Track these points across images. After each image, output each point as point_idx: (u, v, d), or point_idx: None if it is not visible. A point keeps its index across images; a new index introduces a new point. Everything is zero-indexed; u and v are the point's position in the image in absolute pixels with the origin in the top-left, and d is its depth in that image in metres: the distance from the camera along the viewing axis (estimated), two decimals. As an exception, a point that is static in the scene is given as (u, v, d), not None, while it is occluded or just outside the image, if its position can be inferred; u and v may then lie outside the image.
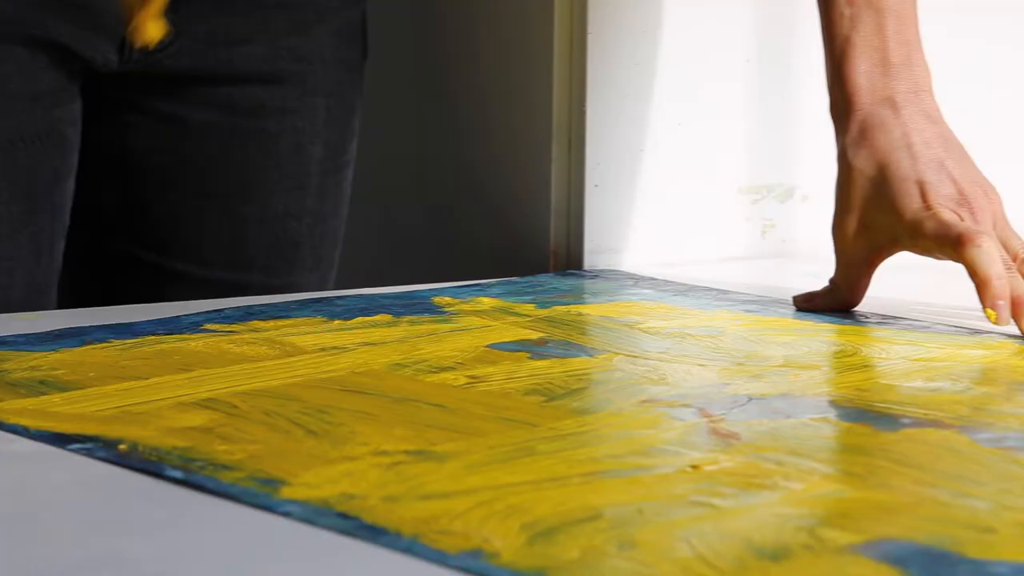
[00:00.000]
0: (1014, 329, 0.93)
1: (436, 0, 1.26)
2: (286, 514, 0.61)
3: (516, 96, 1.18)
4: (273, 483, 0.64)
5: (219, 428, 0.72)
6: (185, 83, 1.07)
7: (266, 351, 0.87)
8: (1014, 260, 0.95)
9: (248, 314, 0.96)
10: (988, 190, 0.97)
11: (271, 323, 0.94)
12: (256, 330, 0.92)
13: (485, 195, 1.21)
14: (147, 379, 0.80)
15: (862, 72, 0.99)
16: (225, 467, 0.66)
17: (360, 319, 0.95)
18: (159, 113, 1.08)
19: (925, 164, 0.97)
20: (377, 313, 0.97)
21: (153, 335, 0.89)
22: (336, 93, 1.12)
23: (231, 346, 0.87)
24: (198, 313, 0.95)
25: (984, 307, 0.92)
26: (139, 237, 1.10)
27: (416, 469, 0.66)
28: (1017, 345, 0.91)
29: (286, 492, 0.63)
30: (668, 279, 1.10)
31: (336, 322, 0.94)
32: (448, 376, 0.82)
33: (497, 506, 0.62)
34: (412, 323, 0.94)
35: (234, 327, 0.92)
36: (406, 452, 0.68)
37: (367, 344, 0.89)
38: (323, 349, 0.87)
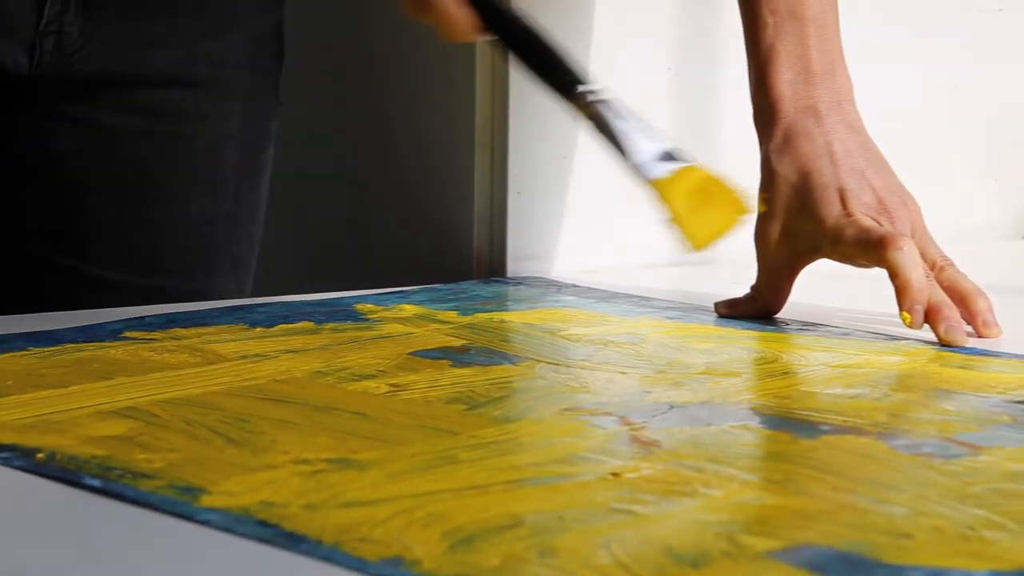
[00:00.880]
0: (931, 335, 0.93)
1: (359, 6, 1.25)
2: (205, 522, 0.61)
3: (439, 104, 1.18)
4: (193, 491, 0.64)
5: (139, 437, 0.71)
6: (99, 87, 1.07)
7: (187, 359, 0.86)
8: (932, 269, 0.96)
9: (169, 321, 0.95)
10: (907, 200, 0.98)
11: (192, 330, 0.93)
12: (177, 338, 0.91)
13: (408, 202, 1.21)
14: (66, 387, 0.79)
15: (786, 81, 1.00)
16: (144, 475, 0.66)
17: (282, 326, 0.95)
18: (74, 117, 1.07)
19: (846, 172, 0.98)
20: (299, 320, 0.96)
21: (73, 343, 0.89)
22: (252, 98, 1.11)
23: (152, 354, 0.87)
24: (119, 320, 0.95)
25: (901, 310, 0.93)
26: (56, 242, 1.09)
27: (337, 477, 0.66)
28: (934, 351, 0.91)
29: (206, 500, 0.63)
30: (591, 286, 1.10)
31: (258, 329, 0.94)
32: (370, 384, 0.82)
33: (418, 514, 0.62)
34: (334, 330, 0.94)
35: (155, 335, 0.92)
36: (327, 460, 0.68)
37: (289, 352, 0.88)
38: (244, 357, 0.87)
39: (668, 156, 0.85)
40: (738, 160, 1.14)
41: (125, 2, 1.05)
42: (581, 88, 0.87)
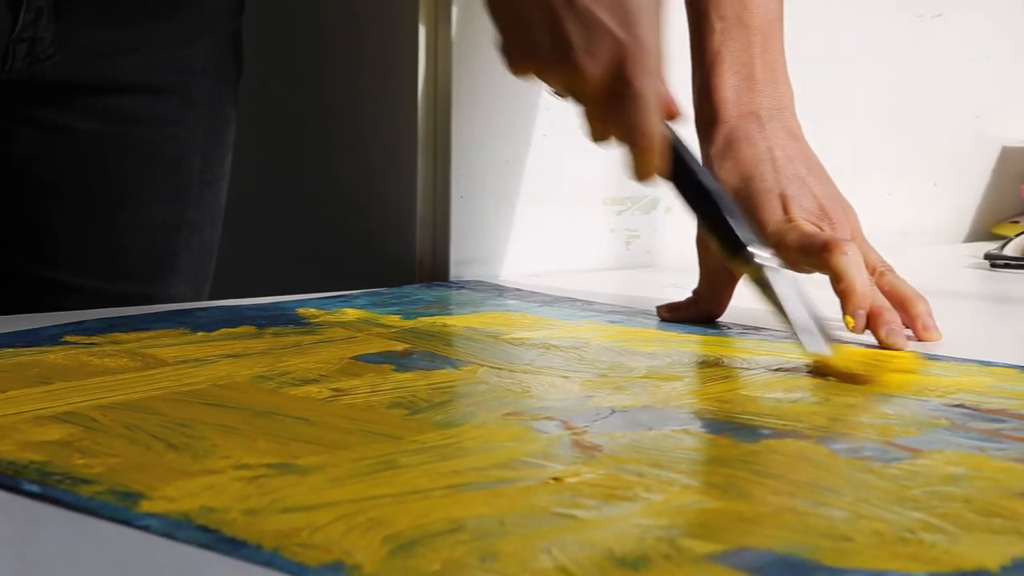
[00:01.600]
0: (871, 339, 0.94)
1: (301, 12, 1.25)
2: (145, 528, 0.61)
3: (382, 108, 1.18)
4: (132, 497, 0.64)
5: (78, 442, 0.71)
6: (68, 92, 1.06)
7: (127, 363, 0.86)
8: (872, 273, 0.97)
9: (109, 326, 0.95)
10: (846, 206, 0.99)
11: (133, 335, 0.93)
12: (117, 342, 0.91)
13: (351, 206, 1.21)
14: (4, 392, 0.79)
15: (729, 86, 1.00)
16: (84, 481, 0.65)
17: (223, 331, 0.94)
18: (41, 121, 1.07)
19: (788, 178, 0.98)
20: (241, 325, 0.96)
21: (11, 347, 0.88)
22: (215, 105, 1.11)
23: (91, 358, 0.86)
24: (58, 325, 0.94)
25: (845, 315, 0.94)
26: (20, 246, 1.09)
27: (278, 482, 0.66)
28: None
29: (145, 506, 0.63)
30: (534, 290, 1.10)
31: (199, 334, 0.93)
32: (312, 389, 0.81)
33: (359, 519, 0.62)
34: (276, 335, 0.94)
35: (95, 339, 0.91)
36: (268, 465, 0.68)
37: (230, 356, 0.88)
38: (185, 361, 0.86)
39: (824, 330, 0.88)
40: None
41: (97, 9, 1.05)
42: (751, 250, 0.89)
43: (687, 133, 1.00)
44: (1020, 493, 0.67)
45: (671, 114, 0.89)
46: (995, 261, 1.21)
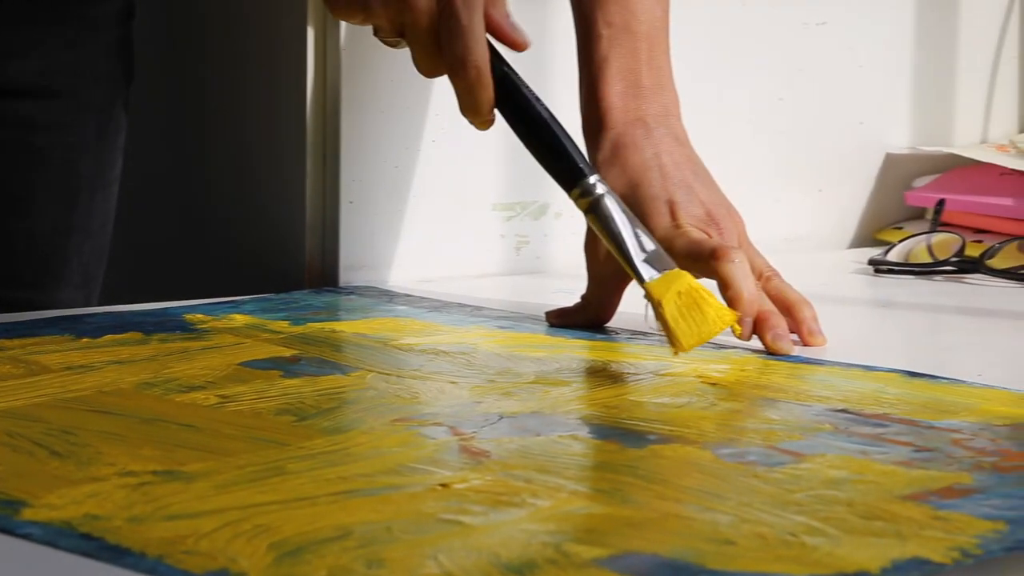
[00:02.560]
0: (758, 344, 0.95)
1: (191, 17, 1.24)
2: (26, 536, 0.60)
3: (271, 113, 1.17)
4: (14, 504, 0.63)
5: (-41, 450, 0.70)
6: None
7: (10, 370, 0.85)
8: (759, 279, 0.98)
9: (-7, 332, 0.94)
10: (732, 212, 1.00)
11: (16, 341, 0.92)
12: (1, 349, 0.90)
13: (240, 211, 1.21)
14: None
15: (616, 92, 1.01)
16: (-36, 490, 0.65)
17: (109, 337, 0.94)
18: None
19: (675, 184, 0.99)
20: (127, 331, 0.95)
21: None
22: (106, 109, 1.10)
23: (-26, 365, 0.85)
24: (-60, 331, 0.93)
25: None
26: None
27: (163, 489, 0.66)
28: (761, 360, 0.93)
29: (27, 514, 0.62)
30: (423, 295, 1.10)
31: (84, 340, 0.93)
32: (198, 395, 0.81)
33: (245, 526, 0.61)
34: (163, 341, 0.93)
35: (-22, 345, 0.90)
36: (153, 472, 0.68)
37: (116, 363, 0.87)
38: (70, 368, 0.86)
39: (656, 256, 0.89)
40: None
41: None
42: (586, 182, 0.90)
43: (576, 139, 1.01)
44: (901, 496, 0.68)
45: (514, 44, 0.91)
46: (879, 267, 1.22)
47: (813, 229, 1.32)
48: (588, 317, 1.01)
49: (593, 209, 0.90)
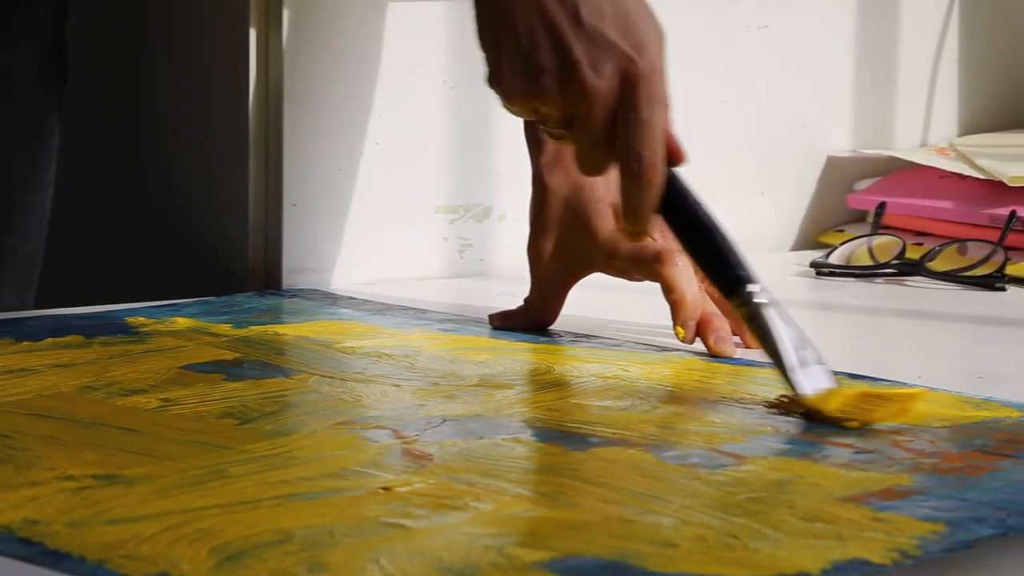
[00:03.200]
0: (701, 346, 0.95)
1: (128, 17, 1.24)
2: (-34, 542, 0.60)
3: (213, 115, 1.17)
4: (-47, 511, 0.62)
5: (-103, 454, 0.69)
6: None
7: (-50, 374, 0.84)
8: (702, 280, 0.98)
9: (-68, 335, 0.93)
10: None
11: (-44, 345, 0.91)
12: (-60, 352, 0.89)
13: (182, 214, 1.20)
14: None
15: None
16: (-98, 495, 0.64)
17: (50, 340, 0.93)
18: None
19: (618, 187, 0.99)
20: (68, 334, 0.95)
21: None
22: (40, 111, 1.10)
23: (-87, 369, 0.85)
24: None
25: (675, 325, 0.95)
26: None
27: (104, 493, 0.65)
28: (703, 363, 0.93)
29: (-33, 520, 0.62)
30: (366, 298, 1.10)
31: (25, 343, 0.92)
32: (140, 399, 0.81)
33: (186, 530, 0.61)
34: (104, 344, 0.93)
35: (-84, 349, 0.89)
36: (94, 476, 0.67)
37: (57, 366, 0.87)
38: (10, 371, 0.85)
39: (819, 369, 0.84)
40: (513, 174, 1.15)
41: None
42: (748, 288, 0.86)
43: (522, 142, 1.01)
44: (841, 498, 0.68)
45: (677, 153, 0.86)
46: (820, 269, 1.23)
47: (755, 232, 1.32)
48: (531, 320, 1.01)
49: (751, 319, 0.86)
